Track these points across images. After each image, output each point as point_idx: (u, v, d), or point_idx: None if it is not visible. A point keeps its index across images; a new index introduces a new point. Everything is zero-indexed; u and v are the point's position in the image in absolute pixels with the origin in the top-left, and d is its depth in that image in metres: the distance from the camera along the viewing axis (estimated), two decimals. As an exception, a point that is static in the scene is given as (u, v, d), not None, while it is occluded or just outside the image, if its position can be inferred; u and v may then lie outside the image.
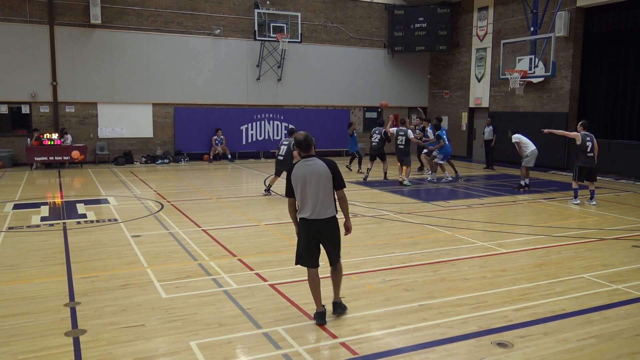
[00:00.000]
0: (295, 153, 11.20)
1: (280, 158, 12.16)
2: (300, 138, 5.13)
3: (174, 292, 5.90)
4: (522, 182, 13.70)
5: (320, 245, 5.22)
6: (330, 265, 5.29)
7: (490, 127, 18.75)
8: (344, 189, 5.17)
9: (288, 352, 4.49)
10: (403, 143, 14.31)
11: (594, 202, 11.47)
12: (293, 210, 5.23)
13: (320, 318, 5.06)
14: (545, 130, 12.53)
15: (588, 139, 11.48)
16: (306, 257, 5.19)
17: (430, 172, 15.57)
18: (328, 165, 5.03)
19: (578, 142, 11.48)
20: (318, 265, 5.23)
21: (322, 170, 4.99)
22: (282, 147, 12.26)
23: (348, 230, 5.36)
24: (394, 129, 14.89)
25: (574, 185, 11.67)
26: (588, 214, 10.70)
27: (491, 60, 21.16)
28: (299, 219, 5.18)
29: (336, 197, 5.15)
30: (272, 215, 10.36)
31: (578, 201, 11.59)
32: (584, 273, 6.77)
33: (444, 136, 15.06)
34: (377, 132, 15.03)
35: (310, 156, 5.09)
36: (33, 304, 5.53)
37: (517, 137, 13.68)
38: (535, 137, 17.94)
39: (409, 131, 14.50)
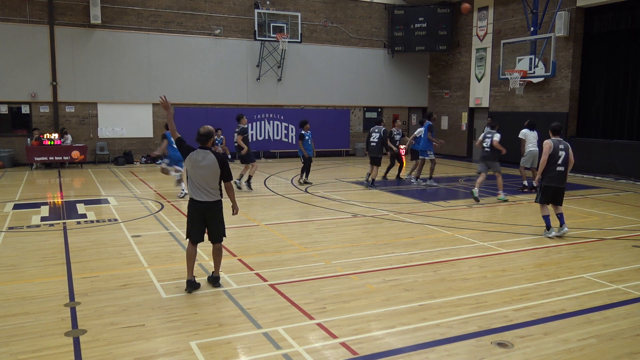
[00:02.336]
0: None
1: (373, 144, 13.91)
2: (202, 132, 5.90)
3: (174, 292, 5.90)
4: (525, 183, 13.72)
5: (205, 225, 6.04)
6: (212, 243, 6.13)
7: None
8: (231, 181, 5.99)
9: (288, 352, 4.49)
10: (376, 140, 14.04)
11: (566, 229, 8.58)
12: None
13: (188, 286, 5.90)
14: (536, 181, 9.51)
15: (562, 147, 8.49)
16: (193, 233, 6.00)
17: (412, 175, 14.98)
18: (218, 160, 5.82)
19: (550, 152, 8.50)
20: (200, 241, 6.06)
21: (212, 163, 5.79)
22: (374, 134, 13.96)
23: (235, 211, 6.33)
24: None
25: (542, 211, 8.76)
26: (588, 214, 10.70)
27: (491, 60, 21.16)
28: (189, 199, 6.00)
29: (223, 186, 5.98)
30: (272, 215, 10.36)
31: (553, 233, 8.62)
32: (584, 273, 6.77)
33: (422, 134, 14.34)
34: (376, 130, 14.16)
35: (206, 148, 5.88)
36: (33, 304, 5.53)
37: (522, 134, 13.62)
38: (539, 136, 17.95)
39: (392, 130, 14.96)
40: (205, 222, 5.99)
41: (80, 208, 10.85)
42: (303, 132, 14.15)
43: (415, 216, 10.26)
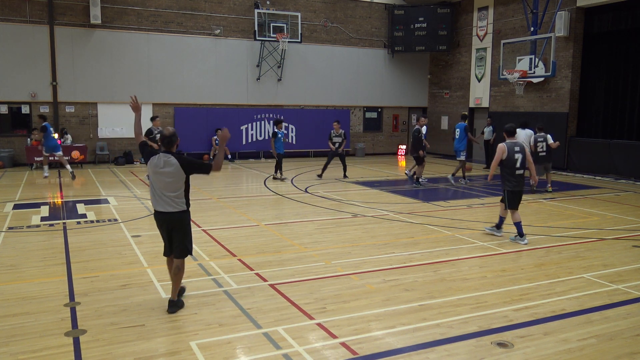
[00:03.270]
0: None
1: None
2: (166, 134, 5.41)
3: (174, 292, 5.90)
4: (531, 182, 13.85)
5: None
6: (174, 258, 5.46)
7: (490, 127, 18.79)
8: (213, 170, 5.38)
9: (288, 352, 4.49)
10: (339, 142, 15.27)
11: (526, 241, 8.23)
12: None
13: (169, 306, 5.36)
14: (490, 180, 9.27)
15: (517, 149, 8.29)
16: (165, 247, 5.60)
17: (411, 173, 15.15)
18: (182, 163, 5.28)
19: (504, 157, 8.31)
20: (169, 255, 5.57)
21: (175, 169, 5.25)
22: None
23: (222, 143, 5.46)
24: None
25: (503, 213, 8.64)
26: (588, 214, 10.70)
27: (491, 60, 21.16)
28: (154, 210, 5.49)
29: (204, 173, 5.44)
30: (272, 215, 10.36)
31: (527, 240, 8.28)
32: (584, 273, 6.77)
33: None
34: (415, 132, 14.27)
35: (170, 152, 5.35)
36: (33, 304, 5.53)
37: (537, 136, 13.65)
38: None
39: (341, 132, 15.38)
40: (169, 234, 5.47)
41: (80, 208, 10.85)
42: (276, 130, 14.99)
43: (415, 216, 10.26)
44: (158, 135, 13.85)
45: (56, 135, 17.11)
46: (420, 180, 14.51)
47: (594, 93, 18.53)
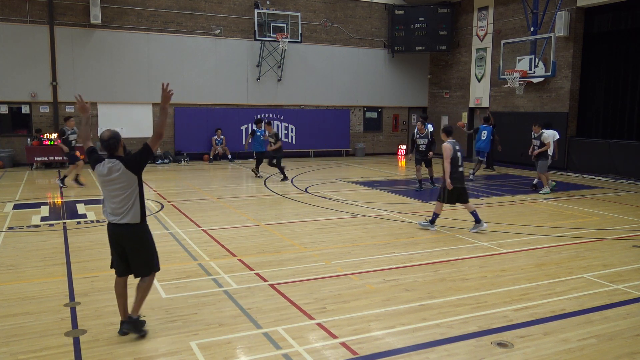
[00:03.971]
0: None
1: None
2: (104, 137, 4.71)
3: (174, 292, 5.90)
4: (534, 182, 13.91)
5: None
6: (136, 277, 4.86)
7: (490, 127, 18.75)
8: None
9: (288, 352, 4.49)
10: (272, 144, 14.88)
11: (485, 225, 8.89)
12: None
13: (122, 327, 4.78)
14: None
15: (458, 147, 9.01)
16: (115, 263, 4.94)
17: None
18: (129, 163, 4.67)
19: (450, 155, 8.86)
20: (124, 275, 4.88)
21: (122, 174, 4.65)
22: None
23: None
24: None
25: (438, 209, 9.05)
26: (588, 214, 10.70)
27: (491, 60, 21.16)
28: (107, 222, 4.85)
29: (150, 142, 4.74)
30: (272, 215, 10.36)
31: (486, 224, 8.91)
32: (584, 273, 6.77)
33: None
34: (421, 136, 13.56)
35: (115, 157, 4.71)
36: (33, 304, 5.53)
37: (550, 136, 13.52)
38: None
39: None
40: (122, 250, 4.84)
41: (80, 208, 10.85)
42: (255, 129, 15.61)
43: (415, 216, 10.26)
44: (72, 137, 13.82)
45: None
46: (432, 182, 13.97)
47: (594, 93, 18.53)
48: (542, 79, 18.41)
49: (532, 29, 18.02)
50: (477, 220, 8.89)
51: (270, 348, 4.56)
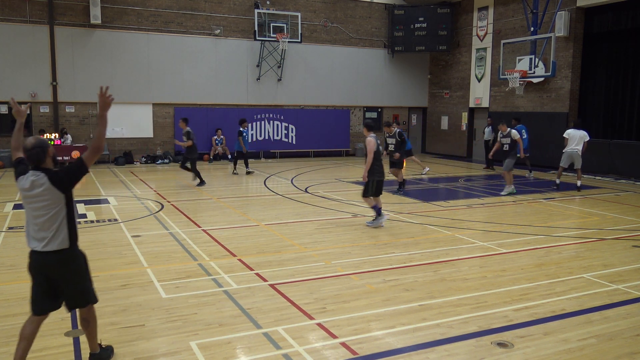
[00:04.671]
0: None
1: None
2: (27, 146, 3.90)
3: (174, 292, 5.90)
4: (557, 181, 13.90)
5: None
6: (68, 310, 4.19)
7: (490, 127, 18.81)
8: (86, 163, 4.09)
9: (288, 352, 4.49)
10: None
11: (386, 216, 9.37)
12: None
13: None
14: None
15: (378, 142, 9.34)
16: (34, 298, 4.04)
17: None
18: (55, 179, 3.95)
19: (374, 149, 9.07)
20: (45, 313, 4.06)
21: (47, 189, 3.91)
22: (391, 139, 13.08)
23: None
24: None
25: (369, 202, 9.35)
26: (588, 214, 10.70)
27: (491, 60, 21.16)
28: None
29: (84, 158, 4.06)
30: (272, 215, 10.36)
31: (387, 215, 9.40)
32: (584, 273, 6.77)
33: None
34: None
35: (39, 169, 3.93)
36: (33, 304, 5.52)
37: (566, 133, 13.61)
38: (538, 136, 17.98)
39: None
40: (51, 282, 4.00)
41: (80, 208, 10.85)
42: (241, 129, 16.16)
43: (415, 216, 10.26)
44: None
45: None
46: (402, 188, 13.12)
47: (594, 93, 18.54)
48: (542, 79, 18.41)
49: (532, 29, 18.02)
50: (379, 214, 9.24)
51: (270, 348, 4.56)
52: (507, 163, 12.81)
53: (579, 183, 13.56)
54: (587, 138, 13.46)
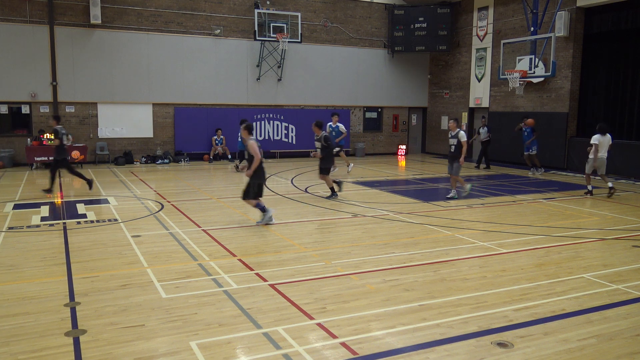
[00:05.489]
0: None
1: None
2: None
3: (174, 292, 5.90)
4: (589, 187, 12.95)
5: None
6: None
7: (485, 127, 18.78)
8: None
9: (288, 352, 4.49)
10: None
11: (272, 210, 9.48)
12: None
13: None
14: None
15: (259, 144, 9.32)
16: None
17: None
18: None
19: (259, 151, 9.16)
20: None
21: None
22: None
23: None
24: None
25: (254, 203, 9.34)
26: (588, 214, 10.70)
27: (491, 60, 21.16)
28: None
29: None
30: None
31: (272, 209, 9.49)
32: (584, 273, 6.77)
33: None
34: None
35: None
36: (33, 304, 5.53)
37: (595, 139, 12.62)
38: (538, 136, 17.97)
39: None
40: None
41: (80, 208, 10.85)
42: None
43: (415, 216, 10.26)
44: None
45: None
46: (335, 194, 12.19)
47: (594, 93, 18.53)
48: (542, 79, 18.41)
49: (532, 29, 18.01)
50: (263, 210, 9.35)
51: (270, 348, 4.56)
52: (456, 167, 12.00)
53: (610, 184, 12.70)
54: (611, 141, 12.77)
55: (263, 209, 9.38)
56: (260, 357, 4.42)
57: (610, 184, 12.76)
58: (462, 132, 11.90)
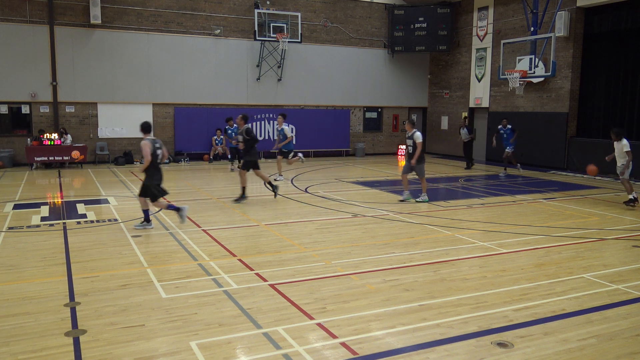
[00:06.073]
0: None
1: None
2: None
3: (174, 292, 5.90)
4: (632, 196, 11.54)
5: None
6: None
7: (466, 129, 18.67)
8: None
9: (288, 352, 4.49)
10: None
11: (152, 225, 9.05)
12: None
13: None
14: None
15: (157, 145, 8.86)
16: None
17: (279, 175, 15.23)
18: None
19: (150, 152, 8.71)
20: None
21: None
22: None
23: None
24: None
25: (147, 205, 9.05)
26: (588, 214, 10.70)
27: (491, 60, 21.16)
28: None
29: None
30: (272, 215, 10.35)
31: (152, 224, 9.10)
32: (584, 273, 6.77)
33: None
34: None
35: None
36: (33, 304, 5.53)
37: (627, 145, 11.69)
38: (538, 136, 17.99)
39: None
40: None
41: (80, 208, 10.85)
42: (227, 127, 17.52)
43: (415, 216, 10.26)
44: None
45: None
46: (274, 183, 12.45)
47: (594, 93, 18.53)
48: (542, 79, 18.41)
49: (532, 29, 18.01)
50: (147, 219, 9.03)
51: (270, 348, 4.56)
52: (419, 169, 11.68)
53: (633, 195, 11.64)
54: (628, 148, 11.79)
55: (147, 218, 9.03)
56: (260, 357, 4.42)
57: (632, 196, 11.54)
58: (417, 133, 11.60)
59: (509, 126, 17.08)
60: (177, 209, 9.02)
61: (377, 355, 4.45)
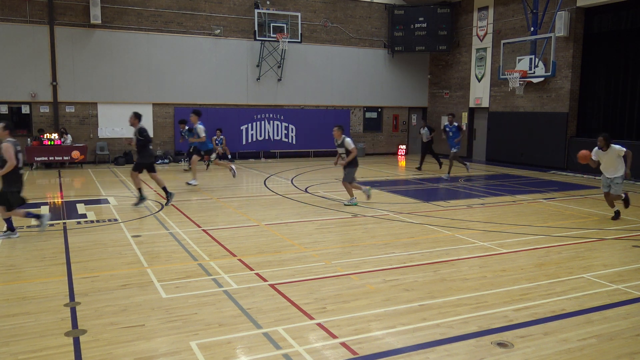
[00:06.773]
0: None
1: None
2: None
3: (174, 292, 5.90)
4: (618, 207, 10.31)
5: None
6: None
7: (426, 128, 18.52)
8: None
9: (288, 352, 4.49)
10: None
11: (17, 234, 8.38)
12: None
13: None
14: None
15: (19, 149, 8.57)
16: None
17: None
18: None
19: (14, 156, 8.21)
20: None
21: None
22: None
23: None
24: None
25: (5, 215, 8.24)
26: (588, 214, 10.70)
27: (491, 60, 21.16)
28: None
29: None
30: (272, 215, 10.35)
31: (18, 234, 8.37)
32: (584, 273, 6.77)
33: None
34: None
35: None
36: (33, 304, 5.53)
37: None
38: (538, 136, 17.99)
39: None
40: None
41: (80, 208, 10.85)
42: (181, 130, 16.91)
43: (415, 216, 10.26)
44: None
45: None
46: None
47: (594, 93, 18.53)
48: (542, 79, 18.41)
49: (532, 29, 18.01)
50: (11, 229, 8.32)
51: (270, 348, 4.56)
52: (347, 173, 11.14)
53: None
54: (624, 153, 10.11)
55: (11, 227, 8.33)
56: (260, 357, 4.42)
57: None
58: (347, 140, 11.05)
59: (455, 124, 16.15)
60: (37, 217, 8.43)
61: (377, 355, 4.45)
